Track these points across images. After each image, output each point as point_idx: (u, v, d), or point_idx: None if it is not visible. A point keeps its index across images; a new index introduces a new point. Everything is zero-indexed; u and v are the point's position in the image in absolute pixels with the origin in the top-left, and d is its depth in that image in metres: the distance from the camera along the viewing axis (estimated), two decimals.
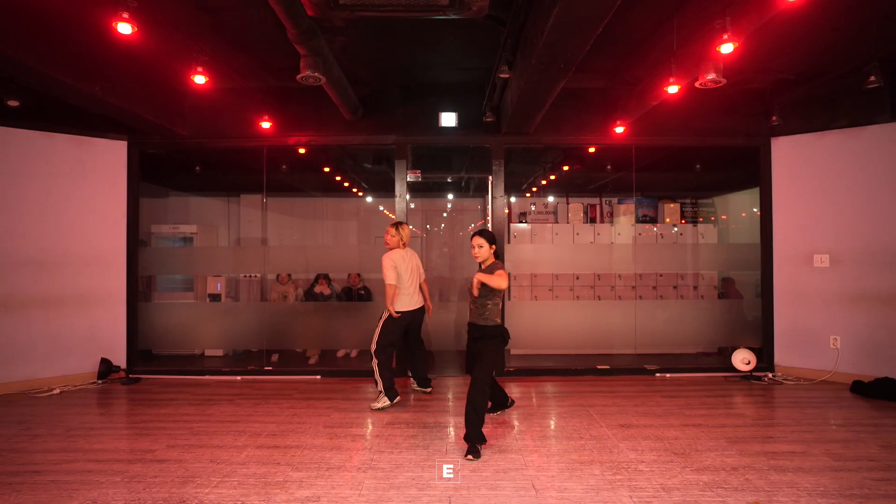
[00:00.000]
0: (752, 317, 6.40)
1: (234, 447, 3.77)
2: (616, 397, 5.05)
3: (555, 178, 8.39)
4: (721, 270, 7.62)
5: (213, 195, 8.65)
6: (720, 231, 8.18)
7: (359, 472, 3.34)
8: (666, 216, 8.25)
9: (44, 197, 5.46)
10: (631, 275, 7.71)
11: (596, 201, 8.45)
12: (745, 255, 6.38)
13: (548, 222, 8.30)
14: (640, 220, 8.16)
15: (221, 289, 7.67)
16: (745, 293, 7.14)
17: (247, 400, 4.97)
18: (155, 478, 3.25)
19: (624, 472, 3.32)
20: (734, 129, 5.99)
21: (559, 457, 3.57)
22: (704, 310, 6.49)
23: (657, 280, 7.94)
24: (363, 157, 7.47)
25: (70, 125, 5.57)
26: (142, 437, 3.98)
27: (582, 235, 7.83)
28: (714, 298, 7.33)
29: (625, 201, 8.29)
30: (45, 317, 5.46)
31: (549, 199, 8.43)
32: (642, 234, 7.99)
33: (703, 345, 6.78)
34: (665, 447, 3.73)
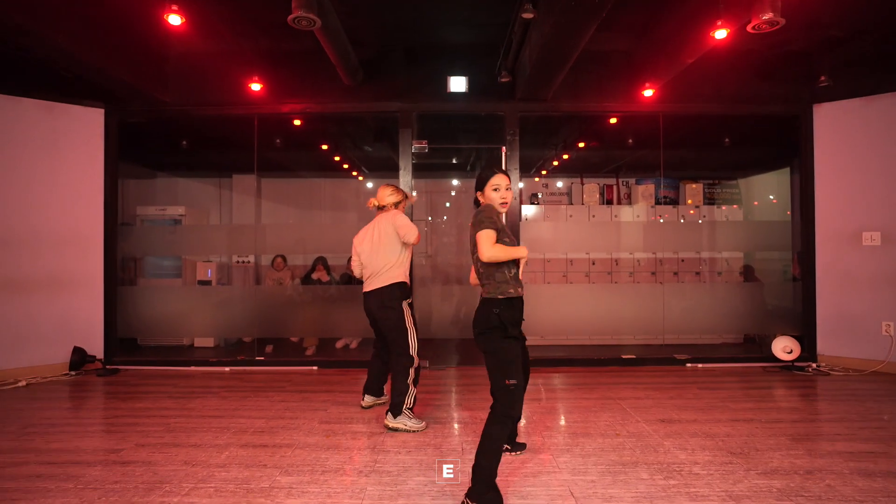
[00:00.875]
0: (784, 301, 5.86)
1: (214, 446, 3.22)
2: (648, 389, 4.51)
3: (568, 158, 7.84)
4: (748, 251, 7.07)
5: (203, 176, 8.09)
6: (746, 214, 7.62)
7: (360, 475, 2.80)
8: (688, 197, 7.69)
9: (9, 168, 4.92)
10: (650, 260, 7.22)
11: (612, 182, 7.89)
12: (775, 233, 5.86)
13: (561, 204, 7.75)
14: (660, 202, 7.59)
15: (212, 275, 7.14)
16: (772, 275, 6.60)
17: (234, 393, 4.42)
18: (115, 483, 2.71)
19: (677, 475, 2.77)
20: (772, 95, 5.44)
21: (596, 457, 3.02)
22: (735, 294, 5.95)
23: (678, 265, 7.41)
24: (363, 132, 6.90)
25: (40, 89, 5.01)
26: (108, 435, 3.44)
27: (598, 217, 7.28)
28: (742, 283, 6.77)
29: (643, 182, 7.74)
30: (11, 301, 4.91)
31: (563, 181, 7.88)
32: (663, 217, 7.42)
33: (734, 332, 6.27)
34: (718, 446, 3.18)
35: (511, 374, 2.48)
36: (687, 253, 7.13)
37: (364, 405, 3.94)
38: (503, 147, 5.36)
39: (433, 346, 6.24)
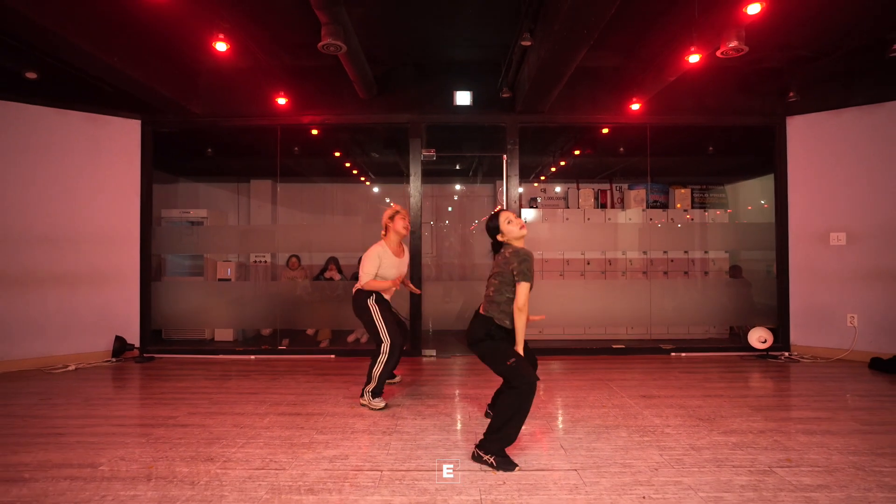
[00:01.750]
0: (765, 297, 6.39)
1: (256, 414, 3.75)
2: (634, 373, 5.03)
3: (565, 164, 8.39)
4: (733, 250, 7.61)
5: (222, 181, 8.63)
6: (731, 217, 8.17)
7: (384, 434, 3.32)
8: (677, 202, 8.24)
9: (58, 174, 5.45)
10: (642, 259, 7.74)
11: (606, 187, 8.44)
12: (757, 234, 6.40)
13: (558, 208, 8.29)
14: (651, 206, 8.14)
15: (231, 274, 7.66)
16: (756, 274, 7.14)
17: (263, 375, 4.95)
18: (180, 439, 3.23)
19: (650, 434, 3.30)
20: (749, 108, 5.98)
21: (584, 422, 3.56)
22: (718, 289, 6.50)
23: (668, 265, 7.94)
24: (375, 141, 7.44)
25: (84, 102, 5.55)
26: (162, 406, 3.96)
27: (593, 221, 7.81)
28: (726, 280, 7.31)
29: (635, 187, 8.28)
30: (60, 294, 5.44)
31: (560, 186, 8.41)
32: (653, 220, 7.96)
33: (716, 324, 6.80)
34: (689, 414, 3.71)
35: (507, 356, 2.87)
36: (676, 253, 7.67)
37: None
38: (504, 155, 5.89)
39: (438, 337, 6.77)
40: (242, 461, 2.88)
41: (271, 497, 2.46)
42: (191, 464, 2.85)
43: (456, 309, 7.80)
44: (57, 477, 2.69)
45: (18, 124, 5.25)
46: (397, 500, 2.44)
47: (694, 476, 2.66)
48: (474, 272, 8.43)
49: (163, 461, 2.89)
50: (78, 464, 2.85)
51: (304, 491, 2.52)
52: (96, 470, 2.77)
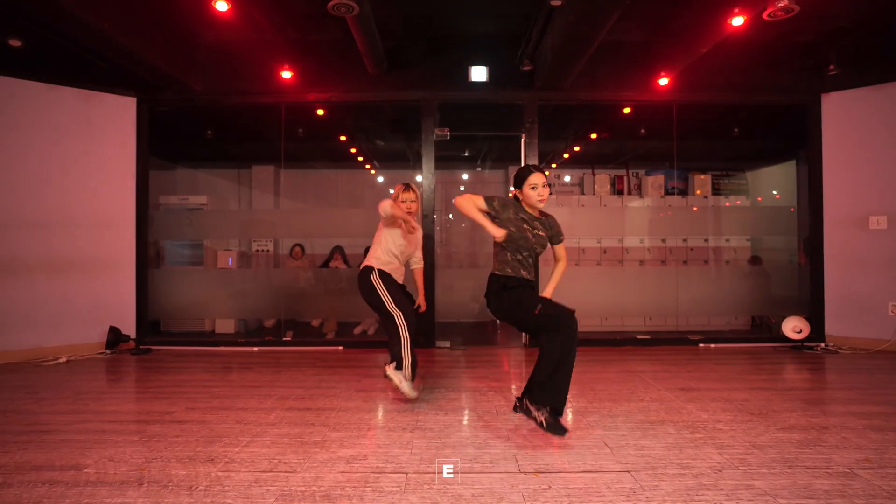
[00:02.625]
0: (785, 287, 6.08)
1: (261, 409, 3.41)
2: (664, 364, 4.70)
3: (580, 150, 8.04)
4: (754, 237, 7.29)
5: (222, 166, 8.27)
6: (754, 204, 7.84)
7: (404, 431, 2.98)
8: (696, 188, 7.88)
9: (48, 155, 5.10)
10: (661, 248, 7.41)
11: (622, 173, 8.08)
12: (780, 219, 6.17)
13: (573, 194, 7.95)
14: (670, 192, 7.79)
15: (233, 263, 7.33)
16: (780, 263, 6.85)
17: (268, 368, 4.61)
18: (176, 437, 2.89)
19: (702, 430, 2.96)
20: (781, 85, 5.62)
21: (624, 417, 3.22)
22: (740, 278, 6.17)
23: (688, 254, 7.61)
24: (382, 123, 7.09)
25: (77, 78, 5.20)
26: (158, 401, 3.62)
27: (609, 207, 7.48)
28: (752, 268, 6.98)
29: (653, 173, 7.92)
30: (50, 283, 5.10)
31: (575, 172, 8.06)
32: (672, 206, 7.62)
33: (741, 314, 6.49)
34: (738, 408, 3.37)
35: (531, 305, 2.74)
36: (696, 241, 7.33)
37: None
38: (522, 135, 5.53)
39: (450, 328, 6.42)
40: (247, 462, 2.54)
41: None
42: (188, 465, 2.50)
43: (465, 298, 7.45)
44: (34, 481, 2.34)
45: (6, 99, 4.88)
46: None
47: (766, 479, 2.32)
48: (488, 261, 8.07)
49: (157, 462, 2.55)
50: (60, 465, 2.51)
51: (320, 497, 2.18)
52: (80, 473, 2.43)
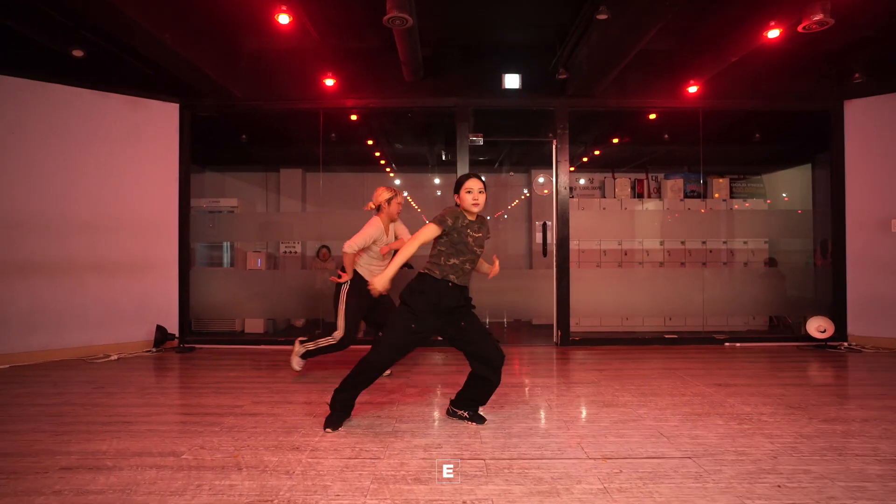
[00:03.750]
0: (809, 288, 6.27)
1: (324, 403, 3.57)
2: (696, 362, 4.88)
3: (599, 154, 8.23)
4: (771, 239, 7.48)
5: (249, 170, 8.46)
6: (771, 207, 8.02)
7: (468, 423, 3.16)
8: (714, 192, 8.06)
9: (99, 159, 5.29)
10: (680, 250, 7.59)
11: (642, 177, 8.26)
12: (796, 221, 6.43)
13: (594, 197, 8.13)
14: (688, 196, 7.97)
15: (262, 264, 7.52)
16: (798, 265, 7.05)
17: (315, 366, 4.77)
18: (255, 428, 3.07)
19: (749, 422, 3.14)
20: (805, 92, 5.81)
21: (671, 410, 3.40)
22: (766, 279, 6.35)
23: (706, 256, 7.79)
24: (411, 128, 7.28)
25: (124, 84, 5.38)
26: (222, 395, 3.80)
27: (630, 210, 7.66)
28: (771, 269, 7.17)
29: (671, 176, 8.10)
30: (100, 283, 5.28)
31: (594, 176, 8.25)
32: (691, 209, 7.80)
33: (761, 314, 6.68)
34: (777, 402, 3.55)
35: (394, 323, 3.00)
36: (715, 243, 7.52)
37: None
38: (554, 140, 5.72)
39: None
40: (331, 451, 2.72)
41: (379, 487, 2.30)
42: (277, 453, 2.69)
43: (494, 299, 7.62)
44: (140, 465, 2.53)
45: (62, 108, 5.07)
46: (516, 489, 2.28)
47: (820, 465, 2.50)
48: (517, 262, 8.27)
49: (246, 450, 2.73)
50: (159, 452, 2.69)
51: (412, 480, 2.36)
52: (179, 458, 2.61)
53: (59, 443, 2.83)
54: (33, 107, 4.95)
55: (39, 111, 4.98)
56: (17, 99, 4.88)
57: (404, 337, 2.95)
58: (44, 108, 5.00)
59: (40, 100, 4.98)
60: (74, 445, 2.78)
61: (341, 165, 8.73)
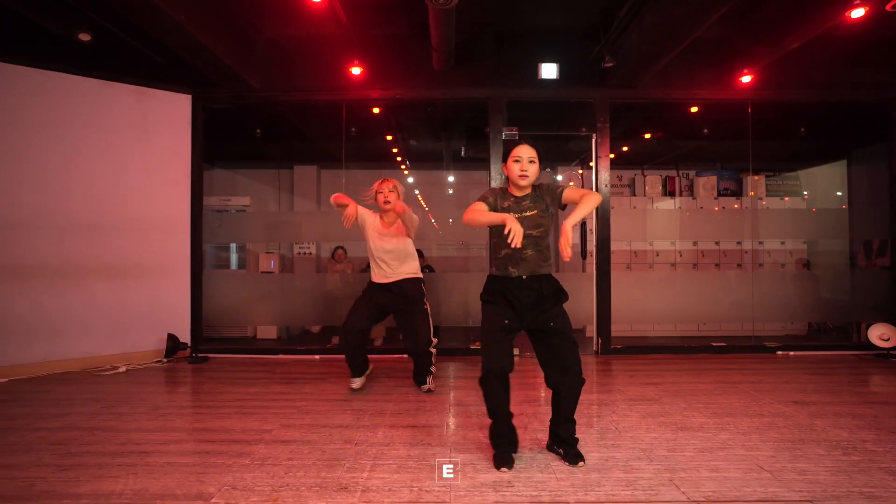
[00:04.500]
0: (855, 289, 5.93)
1: (363, 427, 3.19)
2: (755, 374, 4.50)
3: (627, 150, 7.85)
4: (810, 240, 7.12)
5: (261, 167, 8.04)
6: (809, 206, 7.68)
7: (534, 452, 2.76)
8: (750, 189, 7.67)
9: (104, 153, 4.88)
10: (713, 251, 7.23)
11: (672, 173, 7.87)
12: (834, 219, 6.15)
13: (623, 195, 7.74)
14: (722, 194, 7.59)
15: (275, 266, 7.14)
16: (837, 265, 6.83)
17: (342, 379, 4.38)
18: (290, 461, 2.67)
19: (855, 453, 2.74)
20: (860, 82, 5.41)
21: (758, 435, 3.00)
22: (802, 281, 6.05)
23: (741, 257, 7.41)
24: (431, 123, 6.88)
25: (133, 73, 4.97)
26: (246, 417, 3.40)
27: (660, 209, 7.29)
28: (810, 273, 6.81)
29: (704, 174, 7.71)
30: (106, 287, 4.88)
31: (623, 172, 7.86)
32: (725, 208, 7.42)
33: (809, 318, 6.31)
34: (873, 425, 3.16)
35: (482, 338, 2.60)
36: (750, 244, 7.15)
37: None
38: (593, 135, 5.32)
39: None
40: (385, 490, 2.32)
41: None
42: (323, 495, 2.28)
43: None
44: None
45: (64, 96, 4.66)
46: None
47: None
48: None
49: (286, 490, 2.32)
50: (183, 494, 2.29)
51: None
52: (209, 503, 2.20)
53: (65, 481, 2.42)
54: (31, 96, 4.55)
55: (38, 101, 4.58)
56: (14, 88, 4.47)
57: (494, 333, 2.56)
58: (43, 98, 4.60)
59: (39, 88, 4.58)
60: (83, 485, 2.38)
61: (354, 162, 8.31)
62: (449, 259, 7.33)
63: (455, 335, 5.86)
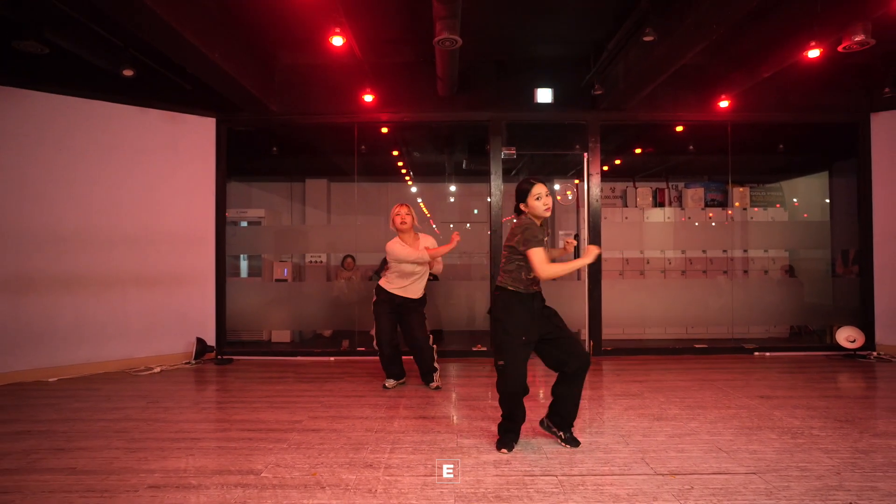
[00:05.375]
0: (819, 296, 6.47)
1: (381, 418, 3.67)
2: (732, 372, 4.96)
3: (620, 163, 8.32)
4: (792, 249, 7.59)
5: (274, 180, 8.54)
6: (791, 215, 8.15)
7: (528, 437, 3.24)
8: (735, 200, 8.15)
9: (139, 173, 5.37)
10: (701, 259, 7.69)
11: (662, 185, 8.35)
12: (816, 230, 6.63)
13: (616, 206, 8.21)
14: (709, 205, 8.07)
15: (288, 274, 7.59)
16: (818, 273, 7.20)
17: (357, 378, 4.86)
18: (322, 445, 3.15)
19: (801, 436, 3.22)
20: (832, 105, 5.90)
21: (722, 423, 3.48)
22: (783, 287, 6.52)
23: (728, 264, 7.86)
24: (438, 140, 7.37)
25: (163, 100, 5.47)
26: (277, 410, 3.88)
27: (651, 220, 7.75)
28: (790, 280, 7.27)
29: (692, 185, 8.19)
30: (141, 295, 5.36)
31: (615, 184, 8.33)
32: (712, 217, 7.89)
33: (787, 323, 6.78)
34: (823, 415, 3.63)
35: (500, 354, 2.99)
36: (735, 252, 7.62)
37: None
38: (585, 153, 5.81)
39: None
40: (405, 468, 2.80)
41: None
42: (354, 470, 2.76)
43: None
44: (225, 484, 2.60)
45: (106, 122, 5.16)
46: None
47: (885, 482, 2.59)
48: None
49: (322, 468, 2.81)
50: (237, 470, 2.77)
51: (493, 498, 2.44)
52: (259, 477, 2.69)
53: (137, 460, 2.90)
54: (77, 123, 5.04)
55: (82, 127, 5.07)
56: (62, 116, 4.97)
57: (518, 352, 2.99)
58: (87, 124, 5.09)
59: (83, 116, 5.07)
60: (154, 463, 2.86)
61: (362, 175, 8.80)
62: (452, 267, 7.81)
63: (457, 339, 6.33)
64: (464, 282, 6.81)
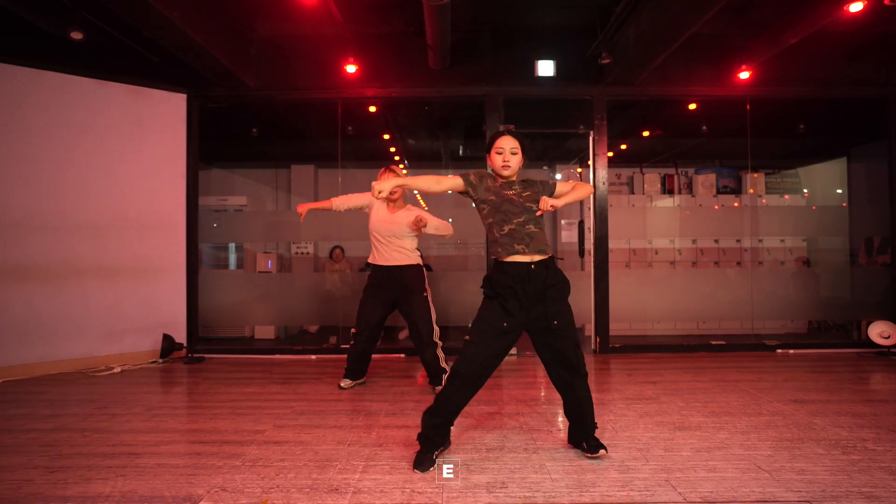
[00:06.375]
0: (855, 287, 5.98)
1: (357, 427, 3.16)
2: (755, 372, 4.46)
3: (626, 148, 7.81)
4: (810, 237, 7.10)
5: (258, 166, 8.02)
6: (808, 203, 7.64)
7: (528, 453, 2.73)
8: (749, 187, 7.63)
9: (98, 153, 4.85)
10: (713, 249, 7.20)
11: (670, 171, 7.83)
12: (838, 217, 6.16)
13: (622, 193, 7.70)
14: (721, 191, 7.55)
15: (272, 266, 7.09)
16: (837, 264, 6.73)
17: (337, 379, 4.34)
18: (282, 462, 2.63)
19: (855, 452, 2.70)
20: (859, 78, 5.37)
21: (756, 434, 2.96)
22: (805, 279, 5.99)
23: (741, 255, 7.37)
24: (430, 121, 6.84)
25: (127, 73, 4.95)
26: (239, 417, 3.37)
27: (660, 207, 7.25)
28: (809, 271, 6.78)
29: (703, 171, 7.67)
30: (102, 288, 4.85)
31: (621, 170, 7.82)
32: (725, 206, 7.39)
33: (809, 317, 6.29)
34: (874, 424, 3.12)
35: (472, 334, 2.52)
36: (749, 241, 7.12)
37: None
38: (591, 132, 5.28)
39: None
40: (377, 492, 2.28)
41: None
42: (313, 496, 2.25)
43: None
44: None
45: (57, 96, 4.63)
46: None
47: None
48: None
49: (276, 492, 2.29)
50: (171, 496, 2.26)
51: None
52: None
53: (53, 483, 2.39)
54: (26, 96, 4.51)
55: (33, 100, 4.55)
56: (8, 87, 4.44)
57: (488, 338, 2.50)
58: (38, 97, 4.56)
59: (33, 88, 4.55)
60: (71, 487, 2.35)
61: (353, 161, 8.29)
62: (448, 258, 7.30)
63: (454, 334, 5.81)
64: (461, 272, 6.30)
